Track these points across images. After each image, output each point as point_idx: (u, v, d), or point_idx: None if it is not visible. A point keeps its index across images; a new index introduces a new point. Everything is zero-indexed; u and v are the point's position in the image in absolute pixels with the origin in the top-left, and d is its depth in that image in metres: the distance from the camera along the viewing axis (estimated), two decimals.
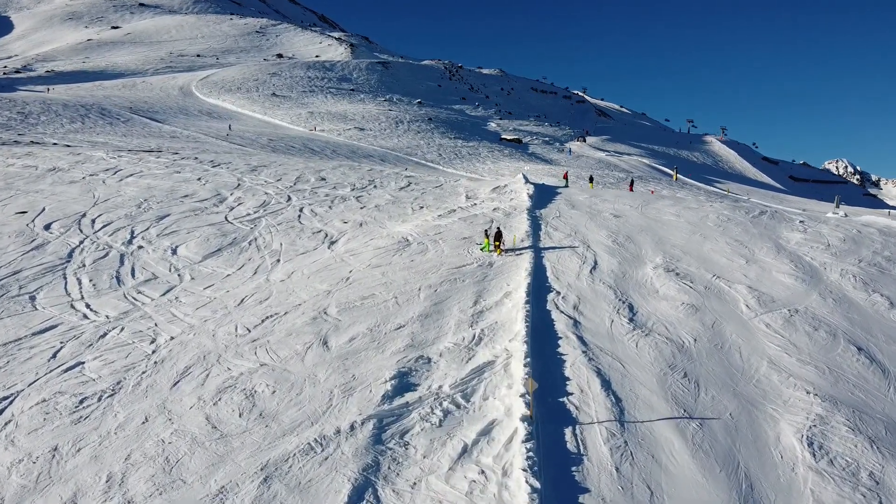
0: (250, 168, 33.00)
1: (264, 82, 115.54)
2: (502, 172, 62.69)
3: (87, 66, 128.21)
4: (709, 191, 63.15)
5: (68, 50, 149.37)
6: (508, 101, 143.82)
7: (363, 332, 15.36)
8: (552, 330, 15.06)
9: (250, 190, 28.72)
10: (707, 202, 28.56)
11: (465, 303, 16.93)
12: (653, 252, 20.90)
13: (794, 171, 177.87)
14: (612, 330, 15.22)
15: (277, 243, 22.21)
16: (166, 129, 69.94)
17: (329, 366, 13.82)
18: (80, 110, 74.88)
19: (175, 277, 20.37)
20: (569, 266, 19.40)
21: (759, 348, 15.00)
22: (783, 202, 60.27)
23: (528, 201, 26.83)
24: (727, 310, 16.87)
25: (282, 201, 27.36)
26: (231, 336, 15.89)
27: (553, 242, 21.66)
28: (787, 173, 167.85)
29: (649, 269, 19.40)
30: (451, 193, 30.14)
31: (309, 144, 68.56)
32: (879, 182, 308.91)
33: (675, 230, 23.39)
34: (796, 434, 11.92)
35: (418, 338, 14.93)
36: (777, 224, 25.00)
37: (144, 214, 25.19)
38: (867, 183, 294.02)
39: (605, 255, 20.44)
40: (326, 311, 16.64)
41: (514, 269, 19.18)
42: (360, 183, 31.74)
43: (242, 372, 13.94)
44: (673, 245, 21.64)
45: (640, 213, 25.75)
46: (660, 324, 15.76)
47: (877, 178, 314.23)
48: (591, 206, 26.81)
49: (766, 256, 20.94)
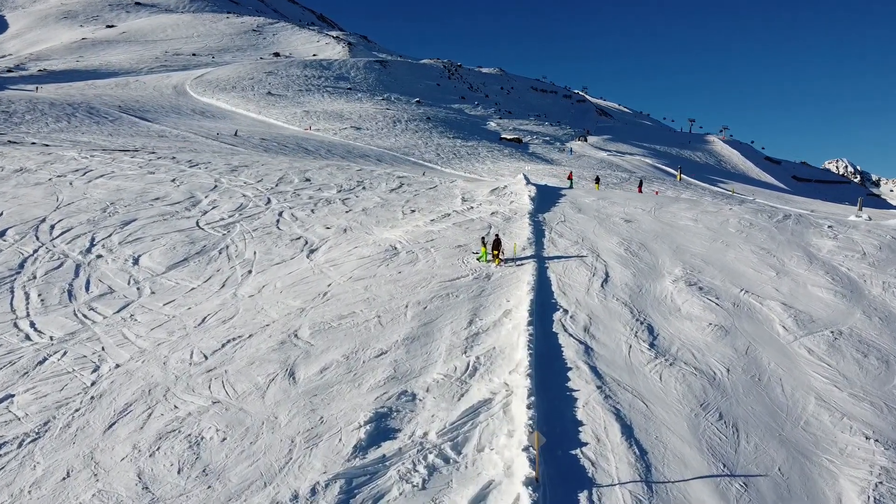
0: (230, 168, 30.69)
1: (260, 81, 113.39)
2: (502, 172, 60.56)
3: (81, 65, 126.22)
4: (713, 191, 60.89)
5: (62, 49, 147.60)
6: (508, 101, 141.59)
7: (338, 360, 13.09)
8: (560, 358, 12.79)
9: (227, 192, 26.43)
10: (726, 205, 26.30)
11: (459, 323, 14.66)
12: (671, 262, 18.62)
13: (796, 170, 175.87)
14: (631, 358, 12.95)
15: (251, 252, 19.94)
16: (155, 129, 67.78)
17: (294, 404, 11.55)
18: (66, 109, 72.68)
19: (133, 291, 18.11)
20: (577, 279, 17.13)
21: (803, 380, 12.74)
22: (788, 203, 57.97)
23: (530, 204, 24.56)
24: (761, 332, 14.60)
25: (260, 204, 25.06)
26: (184, 364, 13.63)
27: (558, 251, 19.38)
28: (789, 173, 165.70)
29: (668, 282, 17.12)
30: (446, 196, 27.86)
31: (303, 144, 66.42)
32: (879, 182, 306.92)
33: (693, 237, 21.10)
34: (861, 495, 9.68)
35: (402, 367, 12.67)
36: (804, 230, 22.72)
37: (109, 219, 22.93)
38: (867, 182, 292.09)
39: (617, 265, 18.16)
40: (297, 334, 14.37)
41: (515, 282, 16.92)
42: (347, 184, 29.44)
43: (191, 411, 11.68)
44: (693, 254, 19.35)
45: (653, 217, 23.46)
46: (685, 349, 13.49)
47: (877, 178, 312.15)
48: (599, 210, 24.53)
49: (797, 267, 18.67)
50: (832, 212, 42.74)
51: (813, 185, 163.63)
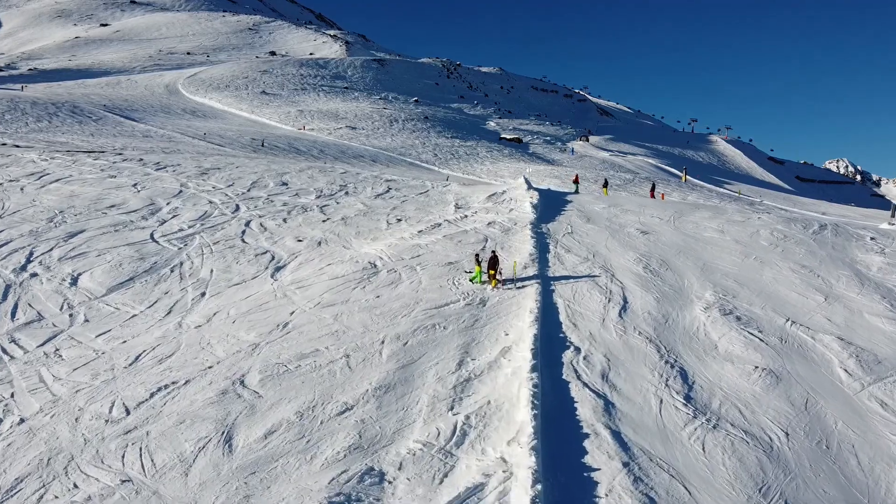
0: (200, 171, 27.81)
1: (254, 80, 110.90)
2: (502, 174, 57.91)
3: (72, 63, 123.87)
4: (720, 193, 58.10)
5: (55, 48, 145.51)
6: (508, 100, 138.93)
7: (289, 418, 10.30)
8: (573, 419, 10.00)
9: (192, 198, 23.59)
10: (754, 213, 23.45)
11: (446, 364, 11.88)
12: (699, 284, 15.80)
13: (799, 171, 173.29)
14: (663, 418, 10.15)
15: (207, 270, 17.14)
16: (140, 128, 65.19)
17: (224, 487, 8.77)
18: (49, 108, 70.08)
19: (65, 319, 15.33)
20: (589, 305, 14.32)
21: (882, 447, 9.95)
22: (796, 204, 55.09)
23: (532, 213, 21.73)
24: (819, 378, 11.80)
25: (227, 212, 22.21)
26: (100, 421, 10.83)
27: (566, 270, 16.55)
28: (793, 173, 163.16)
29: (698, 309, 14.30)
30: (438, 202, 24.99)
31: (295, 144, 63.81)
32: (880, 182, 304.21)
33: (721, 252, 18.29)
34: None
35: (370, 430, 9.88)
36: (845, 242, 19.91)
37: (54, 231, 20.13)
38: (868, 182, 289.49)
39: (636, 288, 15.33)
40: (244, 380, 11.57)
41: (515, 309, 14.13)
42: (328, 189, 26.55)
43: (91, 495, 8.89)
44: (724, 273, 16.53)
45: (673, 227, 20.63)
46: (730, 404, 10.69)
47: (877, 178, 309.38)
48: (611, 219, 21.68)
49: (848, 290, 15.86)
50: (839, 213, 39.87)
51: (817, 185, 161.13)
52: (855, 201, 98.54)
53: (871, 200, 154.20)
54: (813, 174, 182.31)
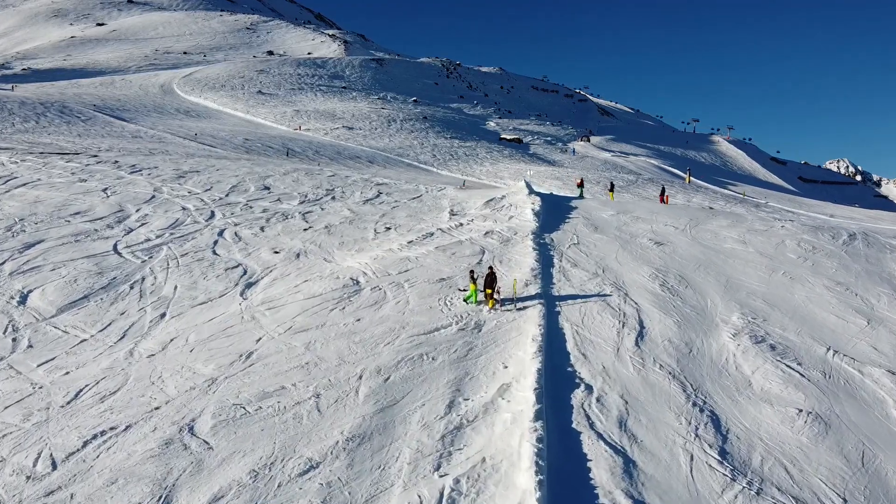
0: (178, 174, 25.91)
1: (251, 79, 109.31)
2: (501, 175, 56.15)
3: (67, 63, 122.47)
4: (725, 194, 56.29)
5: (50, 48, 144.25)
6: (508, 100, 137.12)
7: (241, 479, 8.49)
8: (587, 484, 8.18)
9: (165, 204, 21.71)
10: (776, 220, 21.57)
11: (433, 406, 10.08)
12: (724, 304, 13.97)
13: (801, 171, 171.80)
14: (696, 481, 8.33)
15: (171, 286, 15.32)
16: (130, 129, 63.52)
17: None
18: (37, 109, 68.41)
19: (7, 344, 13.53)
20: (601, 331, 12.49)
21: None
22: (802, 206, 53.25)
23: (534, 221, 19.87)
24: (873, 423, 9.99)
25: (200, 220, 20.32)
26: (21, 478, 9.04)
27: (573, 288, 14.71)
28: (795, 174, 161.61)
29: (726, 336, 12.48)
30: (432, 208, 23.10)
31: (289, 144, 62.10)
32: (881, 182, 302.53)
33: (745, 266, 16.45)
34: None
35: (337, 498, 8.07)
36: (880, 254, 18.08)
37: (10, 241, 18.31)
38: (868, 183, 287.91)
39: (653, 309, 13.50)
40: (193, 427, 9.76)
41: (516, 335, 12.33)
42: (314, 193, 24.60)
43: None
44: (750, 292, 14.70)
45: (689, 237, 18.77)
46: (773, 460, 8.88)
47: (878, 179, 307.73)
48: (621, 228, 19.81)
49: (891, 311, 14.03)
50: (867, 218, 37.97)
51: (820, 186, 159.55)
52: (859, 202, 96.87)
53: (874, 201, 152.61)
54: (815, 175, 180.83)
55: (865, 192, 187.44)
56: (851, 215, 42.54)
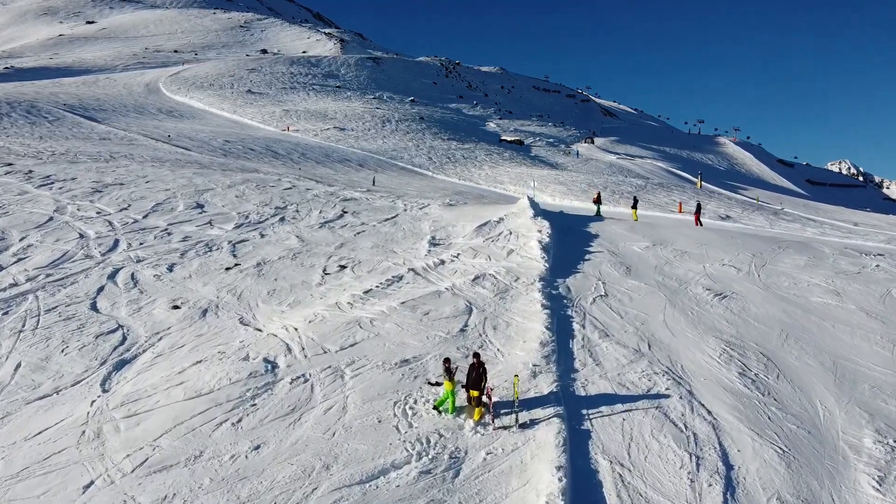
0: (94, 189, 20.72)
1: (241, 78, 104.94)
2: (501, 179, 51.40)
3: (53, 62, 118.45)
4: (739, 200, 51.46)
5: (37, 46, 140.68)
6: (509, 100, 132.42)
7: None
8: None
9: (60, 230, 16.62)
10: (864, 256, 16.54)
11: None
12: (844, 412, 9.11)
13: (809, 173, 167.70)
14: None
15: (12, 364, 10.36)
16: (100, 130, 59.12)
17: None
18: (2, 108, 64.02)
19: None
20: (661, 477, 7.62)
21: None
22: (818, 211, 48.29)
23: (543, 258, 14.77)
24: None
25: (95, 253, 15.17)
26: None
27: (607, 381, 9.75)
28: (803, 176, 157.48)
29: (867, 486, 7.60)
30: (408, 234, 17.84)
31: (273, 147, 57.61)
32: (883, 183, 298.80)
33: (851, 335, 11.58)
34: None
35: None
36: None
37: None
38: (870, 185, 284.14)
39: (739, 426, 8.60)
40: None
41: (518, 486, 7.43)
42: (258, 213, 19.27)
43: None
44: (875, 385, 9.82)
45: (761, 285, 13.68)
46: None
47: (880, 180, 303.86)
48: (662, 268, 14.74)
49: None
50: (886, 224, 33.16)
51: (828, 188, 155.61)
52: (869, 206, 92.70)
53: (883, 205, 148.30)
54: (820, 176, 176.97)
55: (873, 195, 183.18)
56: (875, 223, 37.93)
